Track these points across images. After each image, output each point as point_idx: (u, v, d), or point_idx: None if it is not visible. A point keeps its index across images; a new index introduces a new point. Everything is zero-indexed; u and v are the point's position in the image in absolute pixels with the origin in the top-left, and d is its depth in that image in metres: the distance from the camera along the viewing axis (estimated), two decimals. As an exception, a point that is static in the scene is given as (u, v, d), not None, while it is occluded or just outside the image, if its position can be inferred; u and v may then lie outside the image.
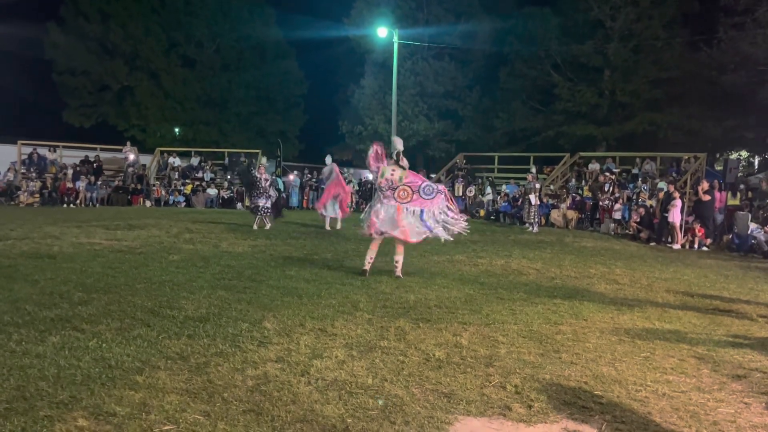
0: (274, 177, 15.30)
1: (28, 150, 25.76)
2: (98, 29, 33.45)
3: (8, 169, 25.33)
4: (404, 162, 8.34)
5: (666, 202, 15.38)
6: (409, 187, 8.18)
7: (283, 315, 5.77)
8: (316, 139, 39.89)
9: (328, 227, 15.27)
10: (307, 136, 40.62)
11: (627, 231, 16.95)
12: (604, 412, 3.72)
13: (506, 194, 22.04)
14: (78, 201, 23.05)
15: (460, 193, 22.28)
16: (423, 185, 8.22)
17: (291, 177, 26.48)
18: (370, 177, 28.38)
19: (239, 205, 24.17)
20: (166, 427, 3.19)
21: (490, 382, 4.14)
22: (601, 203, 18.90)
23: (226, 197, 25.25)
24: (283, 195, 26.62)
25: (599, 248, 13.39)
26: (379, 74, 33.56)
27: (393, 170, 8.24)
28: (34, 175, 24.07)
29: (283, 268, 8.73)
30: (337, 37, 35.18)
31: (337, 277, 8.12)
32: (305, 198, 25.99)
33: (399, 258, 8.34)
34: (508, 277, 8.75)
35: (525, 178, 21.86)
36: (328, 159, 16.14)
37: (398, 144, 8.35)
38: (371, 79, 34.41)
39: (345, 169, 14.56)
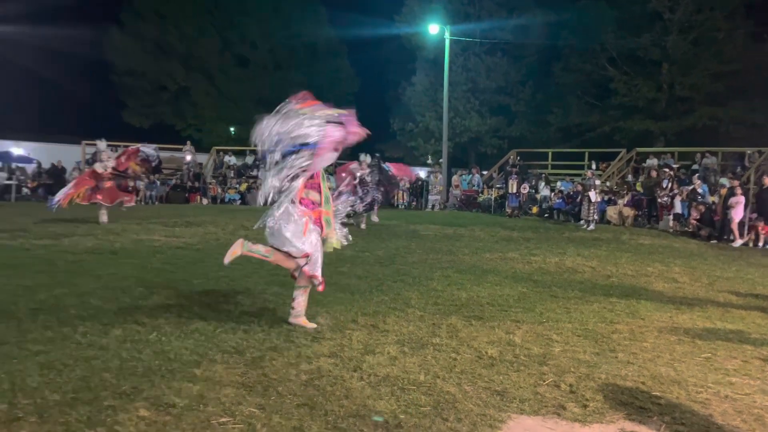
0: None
1: (92, 150, 26.71)
2: (155, 30, 34.41)
3: (73, 168, 26.32)
4: None
5: (728, 199, 14.85)
6: None
7: (335, 311, 5.83)
8: (368, 137, 40.03)
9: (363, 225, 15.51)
10: (358, 133, 40.78)
11: (686, 228, 16.44)
12: (663, 413, 3.63)
13: (560, 191, 21.67)
14: (138, 199, 23.77)
15: (514, 190, 21.98)
16: None
17: (343, 174, 26.64)
18: (423, 175, 28.44)
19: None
20: (223, 420, 3.27)
21: (544, 381, 4.09)
22: (659, 200, 18.38)
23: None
24: (336, 192, 26.87)
25: (657, 246, 13.04)
26: (430, 71, 33.43)
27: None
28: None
29: (335, 264, 8.79)
30: (388, 34, 35.19)
31: (389, 274, 8.15)
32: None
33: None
34: (563, 275, 8.61)
35: (580, 175, 21.46)
36: (368, 157, 16.44)
37: None
38: (422, 76, 34.30)
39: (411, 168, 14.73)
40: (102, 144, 13.87)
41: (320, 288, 5.33)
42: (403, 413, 3.46)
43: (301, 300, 5.30)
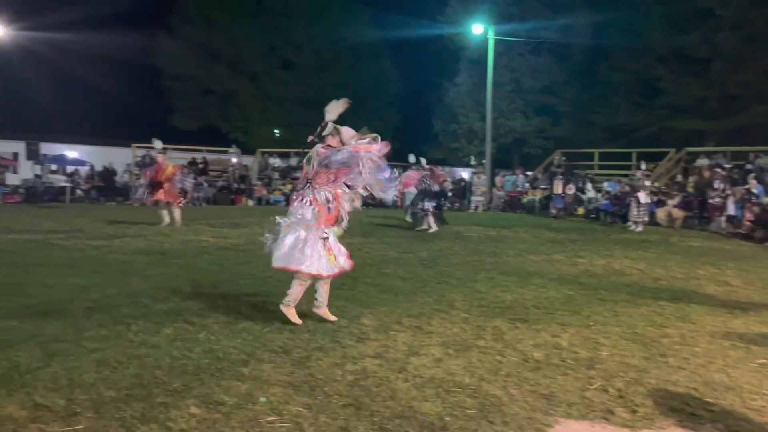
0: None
1: (142, 152, 27.40)
2: (203, 35, 35.11)
3: (124, 171, 27.03)
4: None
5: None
6: None
7: (380, 312, 5.85)
8: (410, 138, 40.00)
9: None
10: (400, 134, 40.83)
11: (739, 230, 15.95)
12: (716, 420, 3.53)
13: (607, 192, 21.28)
14: (186, 200, 24.28)
15: (559, 191, 21.70)
16: None
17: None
18: (466, 176, 28.29)
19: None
20: (271, 418, 3.32)
21: (592, 385, 4.02)
22: (710, 200, 17.88)
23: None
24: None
25: (708, 248, 12.68)
26: (473, 71, 33.25)
27: None
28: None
29: (379, 266, 8.83)
30: (430, 35, 35.14)
31: (432, 275, 8.13)
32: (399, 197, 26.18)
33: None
34: (610, 278, 8.46)
35: (627, 175, 21.03)
36: (412, 158, 16.55)
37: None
38: (465, 77, 34.16)
39: (440, 168, 14.54)
40: (158, 144, 14.11)
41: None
42: (449, 415, 3.45)
43: (295, 290, 5.29)
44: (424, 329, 5.26)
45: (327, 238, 5.31)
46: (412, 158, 16.82)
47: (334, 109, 5.59)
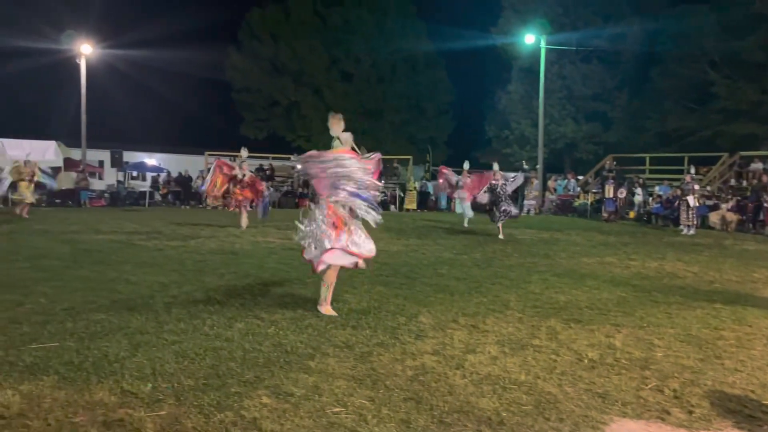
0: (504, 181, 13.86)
1: (213, 160, 28.13)
2: (269, 50, 35.83)
3: (197, 177, 27.79)
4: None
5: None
6: None
7: (436, 311, 5.84)
8: (464, 144, 39.82)
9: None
10: (454, 141, 40.67)
11: (795, 234, 15.19)
12: (775, 423, 3.38)
13: (659, 196, 20.63)
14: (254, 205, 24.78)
15: (611, 195, 21.15)
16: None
17: (440, 181, 26.65)
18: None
19: (392, 207, 24.86)
20: (336, 410, 3.35)
21: (647, 385, 3.91)
22: (765, 204, 17.10)
23: (380, 200, 25.99)
24: (432, 198, 26.89)
25: (763, 252, 12.13)
26: (525, 79, 32.84)
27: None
28: (217, 181, 26.20)
29: (435, 266, 8.82)
30: (483, 45, 34.90)
31: (487, 276, 8.06)
32: (453, 201, 26.07)
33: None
34: (662, 280, 8.19)
35: (678, 179, 20.37)
36: (466, 165, 16.52)
37: None
38: (518, 84, 33.77)
39: (491, 182, 14.43)
40: (244, 153, 14.32)
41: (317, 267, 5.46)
42: (506, 411, 3.42)
43: (322, 289, 5.63)
44: (480, 328, 5.22)
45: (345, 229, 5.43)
46: (466, 165, 16.79)
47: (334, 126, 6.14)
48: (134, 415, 3.19)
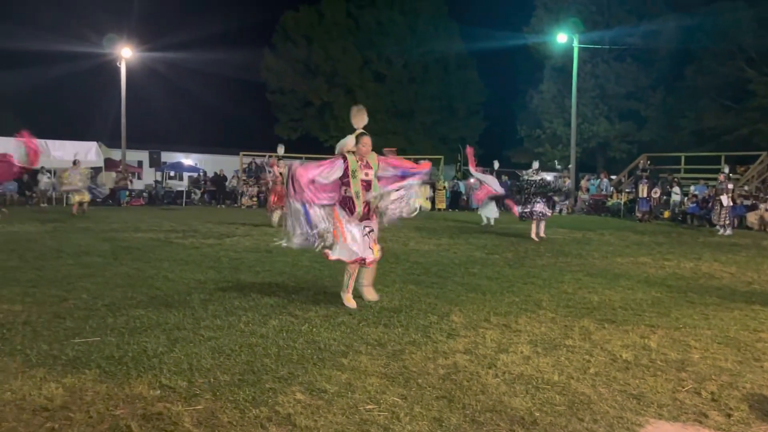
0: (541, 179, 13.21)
1: (248, 160, 28.47)
2: (303, 52, 36.13)
3: (232, 177, 28.15)
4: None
5: None
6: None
7: (468, 310, 5.79)
8: (495, 144, 39.54)
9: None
10: (486, 141, 40.41)
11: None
12: (817, 428, 3.26)
13: (694, 195, 20.17)
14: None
15: (645, 195, 20.75)
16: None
17: (471, 180, 26.52)
18: (549, 179, 27.60)
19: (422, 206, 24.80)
20: (369, 407, 3.35)
21: (683, 387, 3.81)
22: (805, 204, 16.58)
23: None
24: (464, 197, 26.76)
25: (804, 253, 11.76)
26: (558, 78, 32.48)
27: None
28: (252, 181, 26.53)
29: (466, 266, 8.76)
30: (515, 45, 34.63)
31: (519, 275, 7.97)
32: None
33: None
34: (698, 281, 7.99)
35: (715, 179, 19.89)
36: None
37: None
38: (550, 84, 33.41)
39: (524, 172, 14.08)
40: (281, 149, 14.31)
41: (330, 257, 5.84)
42: (538, 411, 3.37)
43: (344, 277, 5.92)
44: (512, 327, 5.17)
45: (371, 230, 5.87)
46: (496, 164, 16.64)
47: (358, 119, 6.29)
48: (172, 409, 3.24)
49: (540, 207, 12.74)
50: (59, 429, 2.98)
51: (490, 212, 16.08)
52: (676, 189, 21.49)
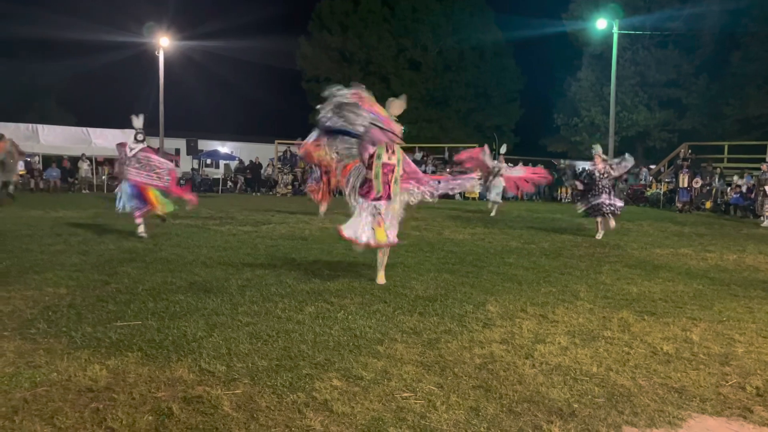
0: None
1: (283, 148, 28.69)
2: (338, 40, 36.13)
3: (267, 165, 28.40)
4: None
5: None
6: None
7: (504, 300, 5.75)
8: (531, 132, 39.01)
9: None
10: (522, 129, 39.91)
11: None
12: None
13: (737, 185, 19.60)
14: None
15: (685, 185, 20.25)
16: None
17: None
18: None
19: (457, 195, 24.66)
20: (405, 395, 3.35)
21: (727, 382, 3.72)
22: None
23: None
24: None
25: None
26: (596, 66, 31.80)
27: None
28: (287, 169, 26.74)
29: (502, 255, 8.68)
30: (553, 32, 33.99)
31: (556, 266, 7.87)
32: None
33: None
34: (742, 273, 7.78)
35: (759, 168, 19.31)
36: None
37: None
38: (588, 71, 32.73)
39: (562, 161, 13.73)
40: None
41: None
42: (577, 402, 3.33)
43: (378, 256, 6.42)
44: (549, 318, 5.11)
45: (379, 212, 6.19)
46: (503, 149, 16.48)
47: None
48: (212, 392, 3.29)
49: (610, 200, 11.06)
50: (104, 410, 3.06)
51: (493, 196, 16.00)
52: (718, 179, 20.89)
